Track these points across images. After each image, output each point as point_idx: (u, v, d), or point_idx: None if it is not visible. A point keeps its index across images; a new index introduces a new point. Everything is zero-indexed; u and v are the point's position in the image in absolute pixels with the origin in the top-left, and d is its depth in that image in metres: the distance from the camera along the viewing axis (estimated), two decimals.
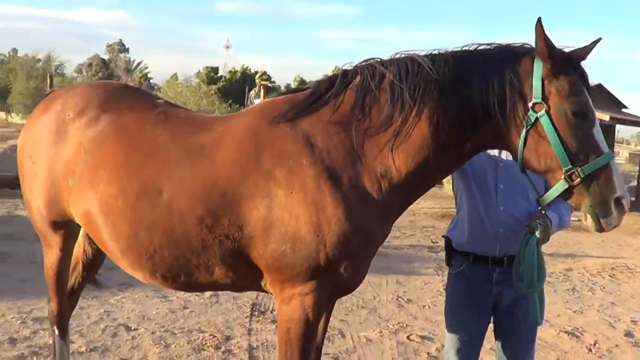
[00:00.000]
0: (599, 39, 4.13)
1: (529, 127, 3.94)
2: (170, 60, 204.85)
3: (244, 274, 4.45)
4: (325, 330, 4.94)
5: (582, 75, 3.99)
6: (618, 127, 34.55)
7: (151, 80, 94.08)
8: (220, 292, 9.80)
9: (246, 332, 8.46)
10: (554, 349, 8.74)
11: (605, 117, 27.50)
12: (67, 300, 5.61)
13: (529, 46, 4.06)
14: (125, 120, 4.77)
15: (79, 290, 5.91)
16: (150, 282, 4.82)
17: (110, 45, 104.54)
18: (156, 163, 4.52)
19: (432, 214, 20.97)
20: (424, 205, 21.67)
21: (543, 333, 9.26)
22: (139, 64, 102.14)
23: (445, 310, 5.29)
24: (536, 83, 3.93)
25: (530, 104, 3.93)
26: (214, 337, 8.13)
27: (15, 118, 77.87)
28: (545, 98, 3.91)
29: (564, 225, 4.99)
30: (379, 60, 4.37)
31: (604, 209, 3.87)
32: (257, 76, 79.16)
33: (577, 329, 9.84)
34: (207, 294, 9.83)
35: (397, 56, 4.33)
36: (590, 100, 3.93)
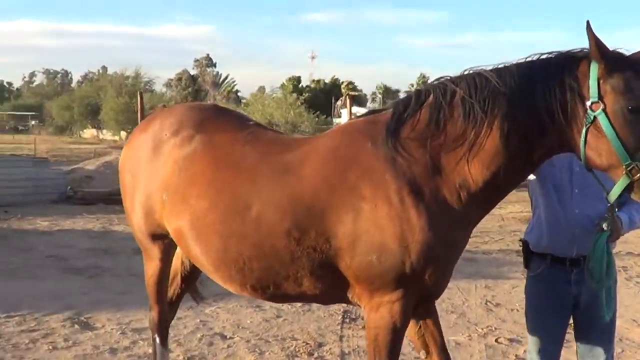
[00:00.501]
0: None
1: (588, 125, 4.02)
2: (256, 73, 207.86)
3: (331, 285, 4.61)
4: (438, 327, 5.05)
5: (638, 72, 4.03)
6: None
7: (239, 94, 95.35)
8: None
9: (338, 338, 8.64)
10: None
11: None
12: (167, 309, 5.88)
13: (587, 50, 4.12)
14: (216, 140, 5.02)
15: (177, 301, 6.18)
16: (242, 293, 5.06)
17: (198, 60, 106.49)
18: (245, 180, 4.74)
19: (521, 217, 20.84)
20: (512, 210, 21.60)
21: (630, 333, 9.34)
22: (226, 77, 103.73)
23: (526, 312, 5.43)
24: (592, 83, 4.01)
25: (588, 104, 4.02)
26: (307, 344, 8.33)
27: (106, 135, 79.66)
28: (601, 97, 3.99)
29: (634, 225, 5.07)
30: (449, 78, 4.52)
31: None
32: (343, 86, 79.90)
33: None
34: (299, 302, 10.04)
35: (466, 72, 4.49)
36: None
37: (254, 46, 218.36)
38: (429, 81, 5.10)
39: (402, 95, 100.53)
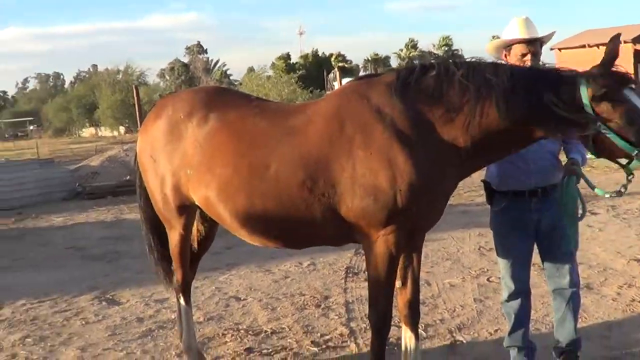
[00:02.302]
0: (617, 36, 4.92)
1: (592, 136, 4.88)
2: (248, 54, 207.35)
3: (339, 225, 5.34)
4: (419, 263, 5.82)
5: (621, 81, 4.82)
6: None
7: (231, 77, 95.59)
8: (317, 261, 10.97)
9: (342, 291, 9.41)
10: (622, 275, 9.44)
11: None
12: (189, 271, 6.68)
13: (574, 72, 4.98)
14: (229, 116, 5.78)
15: (196, 263, 6.96)
16: (266, 244, 5.86)
17: (189, 48, 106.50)
18: (261, 144, 5.50)
19: None
20: None
21: (614, 262, 10.11)
22: (216, 62, 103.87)
23: (495, 244, 6.22)
24: (586, 102, 4.81)
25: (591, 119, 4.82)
26: (314, 297, 9.12)
27: (105, 131, 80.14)
28: (597, 114, 4.80)
29: (585, 162, 5.82)
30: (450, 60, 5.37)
31: None
32: (332, 58, 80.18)
33: None
34: (305, 263, 10.93)
35: (467, 60, 5.33)
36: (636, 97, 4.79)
37: (243, 29, 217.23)
38: (418, 45, 5.91)
39: (392, 60, 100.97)
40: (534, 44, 5.79)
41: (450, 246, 11.78)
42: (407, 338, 5.87)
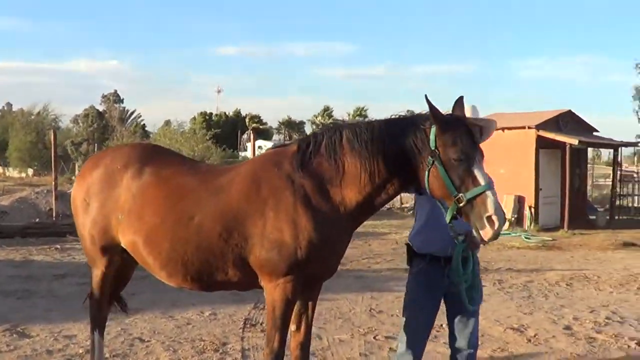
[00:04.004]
0: (460, 97, 5.99)
1: (429, 167, 5.78)
2: (164, 107, 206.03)
3: (248, 273, 6.27)
4: (313, 311, 6.67)
5: (461, 129, 5.75)
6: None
7: (146, 128, 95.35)
8: (218, 311, 11.74)
9: (240, 339, 10.17)
10: (498, 341, 10.40)
11: (574, 141, 29.33)
12: (107, 307, 7.41)
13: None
14: (163, 172, 6.64)
15: (111, 302, 7.65)
16: (182, 285, 6.66)
17: (105, 96, 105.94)
18: (189, 199, 6.40)
19: None
20: (406, 235, 23.25)
21: (492, 330, 11.04)
22: (132, 112, 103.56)
23: (404, 304, 6.92)
24: (432, 138, 5.77)
25: (429, 152, 5.78)
26: (213, 343, 9.85)
27: (12, 172, 79.10)
28: (437, 148, 5.74)
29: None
30: (336, 124, 6.48)
31: (481, 223, 5.58)
32: (247, 119, 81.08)
33: (523, 325, 11.49)
34: (207, 312, 11.68)
35: (349, 122, 6.41)
36: (471, 146, 5.69)
37: (163, 81, 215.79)
38: (333, 113, 6.91)
39: (307, 127, 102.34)
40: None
41: (343, 306, 12.63)
42: None
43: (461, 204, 5.61)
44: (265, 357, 6.32)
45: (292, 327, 6.58)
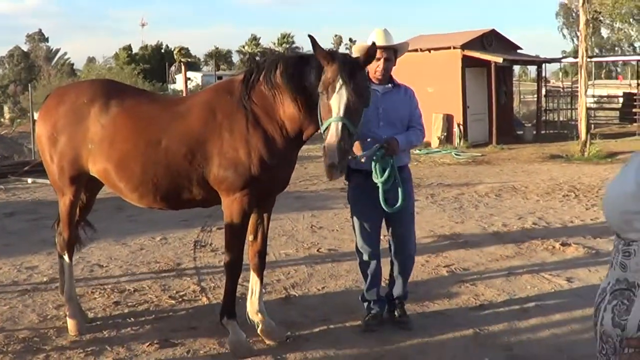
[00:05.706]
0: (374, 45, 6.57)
1: (320, 97, 6.40)
2: (90, 44, 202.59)
3: (209, 190, 6.93)
4: (268, 222, 7.41)
5: (330, 64, 6.32)
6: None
7: (73, 67, 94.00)
8: (168, 236, 12.41)
9: (192, 259, 10.85)
10: (432, 248, 11.28)
11: (499, 59, 30.14)
12: (74, 233, 7.91)
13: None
14: (126, 103, 7.18)
15: (77, 227, 8.12)
16: (152, 205, 7.31)
17: (30, 35, 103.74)
18: (155, 125, 7.00)
19: None
20: None
21: (426, 239, 11.85)
22: (57, 51, 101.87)
23: (351, 214, 7.66)
24: (320, 73, 6.43)
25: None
26: (168, 264, 10.54)
27: None
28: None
29: (410, 143, 7.40)
30: (273, 58, 7.02)
31: (324, 152, 6.15)
32: (175, 52, 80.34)
33: (455, 233, 12.43)
34: (158, 237, 12.35)
35: (282, 55, 7.05)
36: (335, 79, 6.21)
37: (87, 17, 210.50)
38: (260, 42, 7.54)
39: (234, 56, 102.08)
40: (388, 51, 7.24)
41: (285, 225, 13.37)
42: (253, 283, 7.37)
43: (323, 129, 6.31)
44: (226, 264, 7.03)
45: (250, 237, 7.27)
